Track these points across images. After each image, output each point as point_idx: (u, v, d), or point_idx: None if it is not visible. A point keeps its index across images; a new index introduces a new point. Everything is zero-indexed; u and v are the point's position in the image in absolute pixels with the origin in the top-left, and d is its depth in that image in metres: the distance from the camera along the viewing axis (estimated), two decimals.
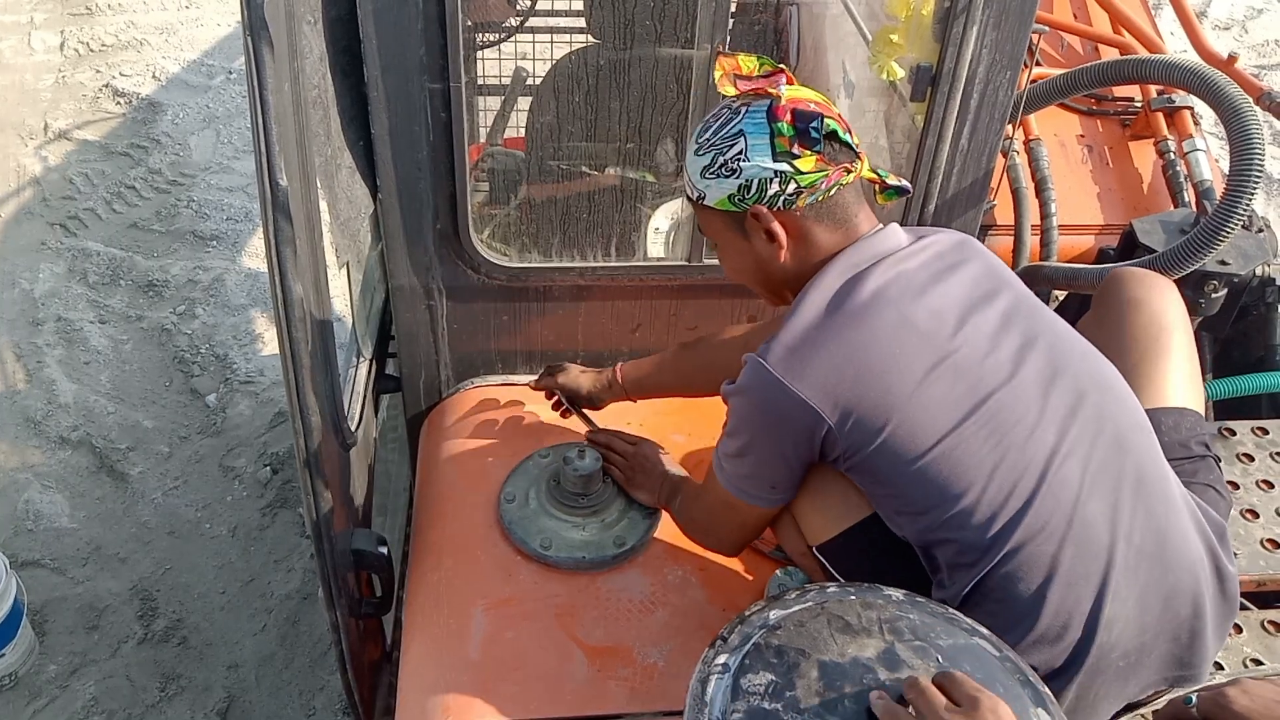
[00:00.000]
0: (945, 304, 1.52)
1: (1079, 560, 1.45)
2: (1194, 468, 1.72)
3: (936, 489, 1.47)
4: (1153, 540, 1.50)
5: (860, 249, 1.56)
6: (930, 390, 1.46)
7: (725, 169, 1.53)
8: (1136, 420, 1.58)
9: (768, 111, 1.51)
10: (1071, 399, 1.51)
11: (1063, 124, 2.92)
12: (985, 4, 1.86)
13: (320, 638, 2.96)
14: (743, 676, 1.18)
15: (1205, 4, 5.94)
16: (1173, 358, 1.80)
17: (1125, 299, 1.88)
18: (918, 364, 1.47)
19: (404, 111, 1.88)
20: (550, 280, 2.16)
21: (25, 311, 3.95)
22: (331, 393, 1.73)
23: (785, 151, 1.50)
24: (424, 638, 1.82)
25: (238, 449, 3.50)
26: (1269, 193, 4.81)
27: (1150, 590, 1.50)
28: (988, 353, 1.50)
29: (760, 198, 1.53)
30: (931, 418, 1.46)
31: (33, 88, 5.10)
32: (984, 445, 1.46)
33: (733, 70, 1.55)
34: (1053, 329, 1.59)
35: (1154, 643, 1.52)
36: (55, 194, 4.50)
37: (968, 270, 1.58)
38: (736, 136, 1.52)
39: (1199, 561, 1.54)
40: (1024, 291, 1.62)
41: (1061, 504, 1.45)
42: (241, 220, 4.43)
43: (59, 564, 3.13)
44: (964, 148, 2.05)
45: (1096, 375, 1.58)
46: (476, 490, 2.04)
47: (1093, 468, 1.49)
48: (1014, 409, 1.47)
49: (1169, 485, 1.56)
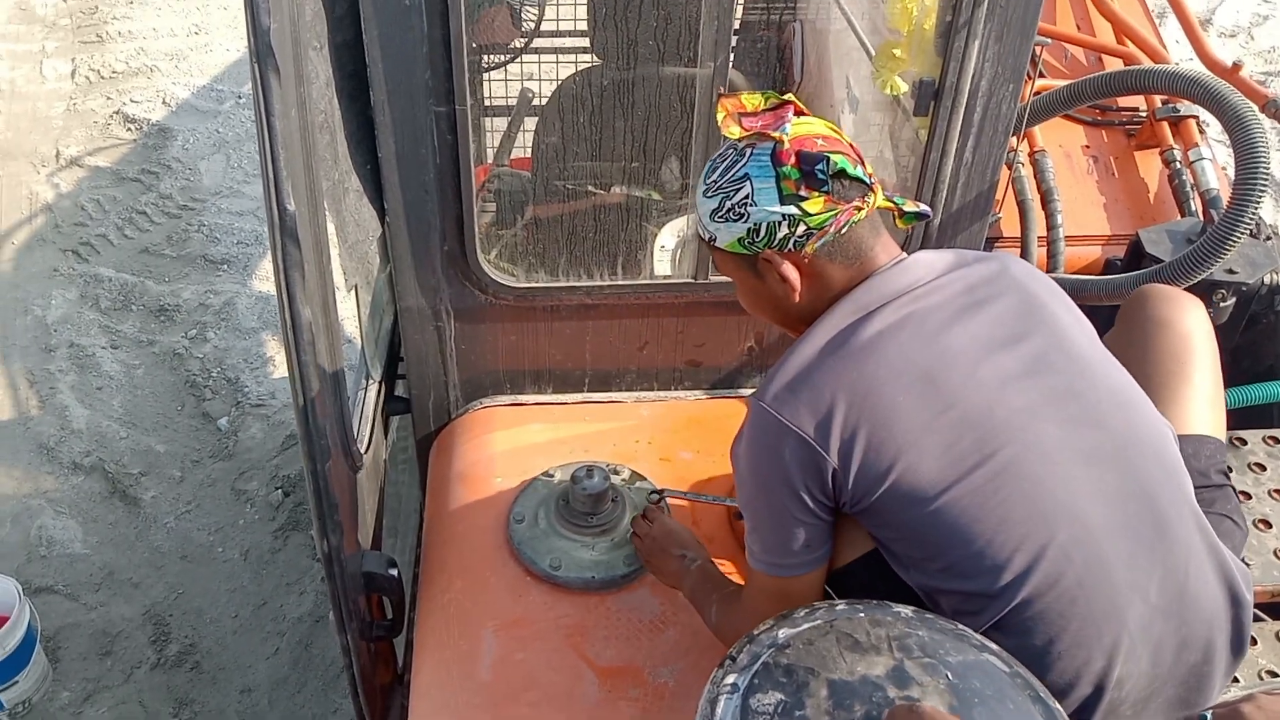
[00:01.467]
0: (960, 347, 1.46)
1: (1090, 621, 1.40)
2: (1211, 496, 1.68)
3: (941, 539, 1.43)
4: (1171, 595, 1.45)
5: (872, 286, 1.51)
6: (935, 438, 1.41)
7: (733, 213, 1.50)
8: (1167, 469, 1.52)
9: (772, 155, 1.48)
10: (1093, 453, 1.45)
11: (1068, 135, 2.91)
12: (987, 17, 1.86)
13: (333, 661, 2.96)
14: (752, 696, 1.18)
15: (1210, 12, 5.94)
16: (1195, 382, 1.75)
17: (1150, 318, 1.82)
18: (923, 410, 1.42)
19: (410, 134, 1.89)
20: (557, 299, 2.17)
21: (38, 338, 3.97)
22: (341, 415, 1.74)
23: (792, 195, 1.46)
24: (435, 659, 1.82)
25: (249, 472, 3.51)
26: (1277, 200, 4.79)
27: (1165, 644, 1.46)
28: (1002, 403, 1.44)
29: (770, 241, 1.49)
30: (937, 467, 1.41)
31: (44, 115, 5.14)
32: (991, 499, 1.40)
33: (736, 110, 1.51)
34: (1086, 375, 1.51)
35: (1162, 689, 1.48)
36: (67, 220, 4.53)
37: (997, 306, 1.52)
38: (742, 180, 1.49)
39: (1218, 610, 1.50)
40: (1064, 328, 1.54)
41: (1074, 564, 1.40)
42: (252, 244, 4.46)
43: (72, 590, 3.14)
44: (968, 161, 2.05)
45: (1128, 428, 1.51)
46: (486, 511, 2.05)
47: (1112, 528, 1.43)
48: (1027, 463, 1.42)
49: (1193, 535, 1.50)
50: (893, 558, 1.52)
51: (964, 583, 1.43)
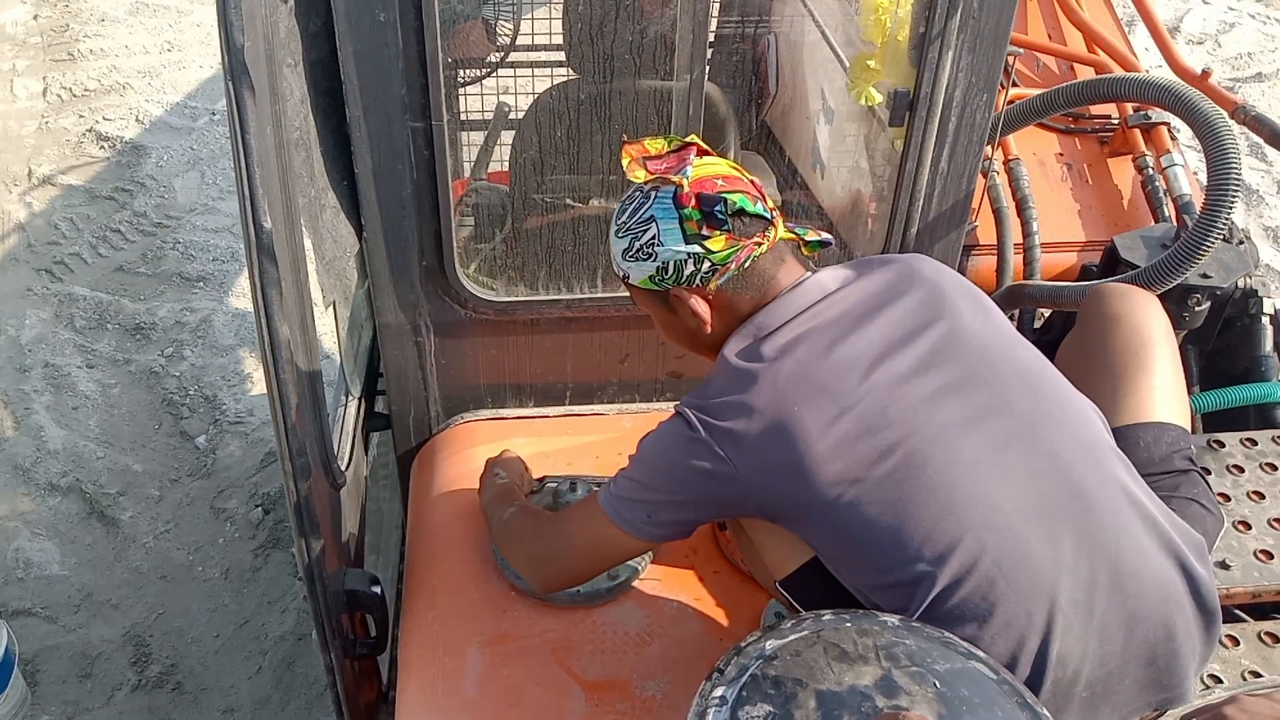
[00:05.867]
0: (854, 355, 1.52)
1: (1016, 602, 1.43)
2: (1175, 482, 1.70)
3: (855, 538, 1.49)
4: (1107, 570, 1.47)
5: (771, 311, 1.59)
6: (831, 444, 1.47)
7: (642, 253, 1.60)
8: (1086, 445, 1.55)
9: (674, 198, 1.57)
10: (999, 437, 1.49)
11: (1041, 143, 2.94)
12: (960, 29, 1.88)
13: (316, 679, 2.93)
14: (740, 708, 1.18)
15: (1178, 19, 6.01)
16: (1155, 372, 1.79)
17: (1106, 314, 1.88)
18: (820, 420, 1.48)
19: (387, 150, 1.88)
20: (537, 313, 2.17)
21: (12, 358, 3.94)
22: (321, 433, 1.73)
23: (695, 234, 1.56)
24: (420, 677, 1.81)
25: (229, 490, 3.48)
26: (1249, 204, 4.85)
27: (1109, 621, 1.47)
28: (897, 401, 1.49)
29: (679, 278, 1.59)
30: (837, 471, 1.47)
31: (16, 134, 5.10)
32: (893, 493, 1.45)
33: (640, 155, 1.61)
34: (988, 359, 1.56)
35: (1124, 669, 1.49)
36: (40, 239, 4.50)
37: (899, 306, 1.58)
38: (649, 222, 1.59)
39: (1167, 583, 1.51)
40: (965, 318, 1.59)
41: (988, 547, 1.44)
42: (228, 261, 4.43)
43: (50, 612, 3.10)
44: (944, 170, 2.07)
45: (1037, 408, 1.54)
46: (469, 526, 2.04)
47: (1026, 508, 1.46)
48: (928, 455, 1.46)
49: (1122, 509, 1.52)
50: (826, 561, 1.58)
51: (884, 575, 1.48)
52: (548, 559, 1.77)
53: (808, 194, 2.65)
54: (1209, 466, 2.23)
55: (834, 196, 2.55)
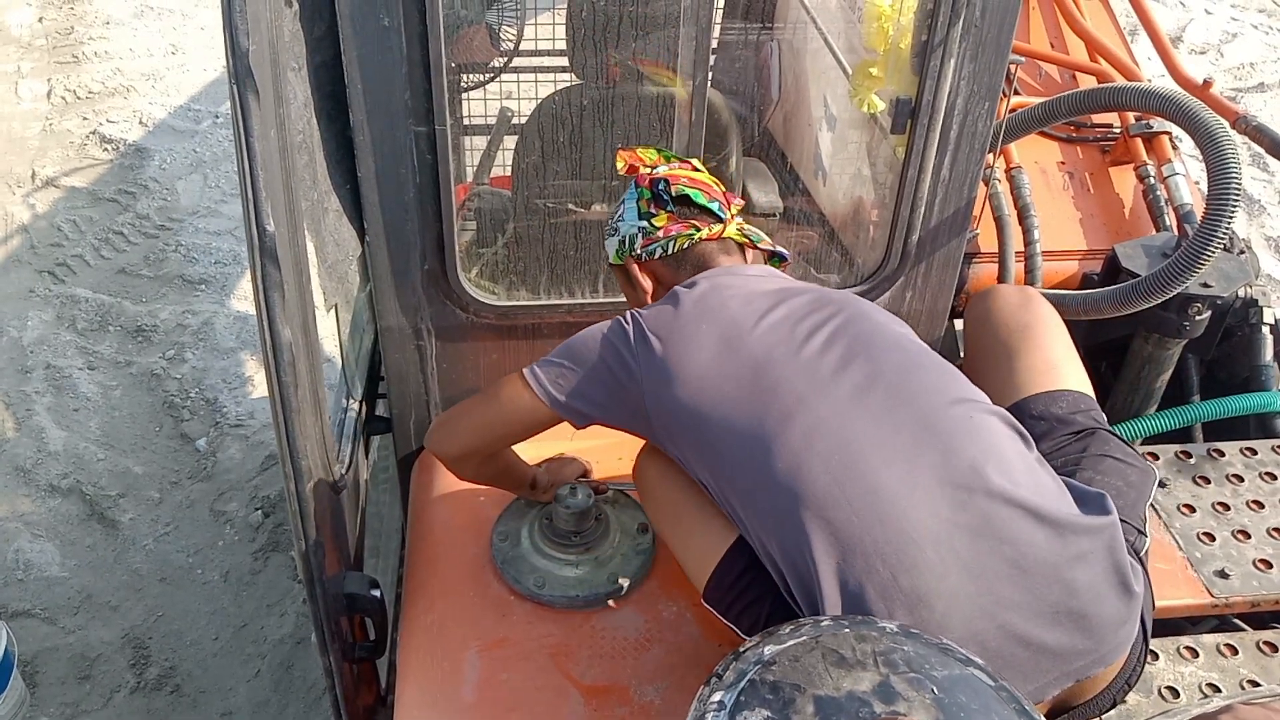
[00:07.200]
0: (761, 296, 1.71)
1: (866, 531, 1.47)
2: (1084, 444, 1.74)
3: (716, 455, 1.61)
4: (975, 515, 1.48)
5: (700, 275, 1.79)
6: (714, 357, 1.64)
7: (611, 228, 1.90)
8: (952, 403, 1.59)
9: (635, 182, 1.88)
10: (862, 380, 1.59)
11: (1043, 151, 2.94)
12: (962, 37, 1.88)
13: (315, 683, 2.93)
14: (739, 714, 1.18)
15: (1180, 29, 6.02)
16: (1043, 344, 1.91)
17: (989, 308, 2.02)
18: (714, 334, 1.66)
19: (390, 154, 1.89)
20: (539, 318, 2.17)
21: (14, 359, 3.94)
22: (322, 436, 1.73)
23: (645, 212, 1.85)
24: (418, 681, 1.81)
25: (229, 493, 3.48)
26: (1250, 214, 4.85)
27: (985, 565, 1.47)
28: (782, 341, 1.64)
29: (631, 249, 1.86)
30: (712, 381, 1.62)
31: (20, 136, 5.12)
32: (758, 411, 1.57)
33: (632, 160, 1.87)
34: (878, 343, 1.65)
35: (1024, 628, 1.47)
36: (43, 241, 4.50)
37: (814, 293, 1.75)
38: (621, 204, 1.89)
39: (1059, 541, 1.50)
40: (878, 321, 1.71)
41: (838, 479, 1.50)
42: (230, 263, 4.44)
43: (50, 614, 3.10)
44: (945, 178, 2.07)
45: (902, 364, 1.63)
46: (468, 530, 2.04)
47: (880, 441, 1.52)
48: (790, 382, 1.59)
49: (1003, 464, 1.53)
50: (708, 485, 1.68)
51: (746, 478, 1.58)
52: (454, 414, 1.86)
53: (810, 200, 2.66)
54: (1208, 476, 2.23)
55: (836, 203, 2.56)
